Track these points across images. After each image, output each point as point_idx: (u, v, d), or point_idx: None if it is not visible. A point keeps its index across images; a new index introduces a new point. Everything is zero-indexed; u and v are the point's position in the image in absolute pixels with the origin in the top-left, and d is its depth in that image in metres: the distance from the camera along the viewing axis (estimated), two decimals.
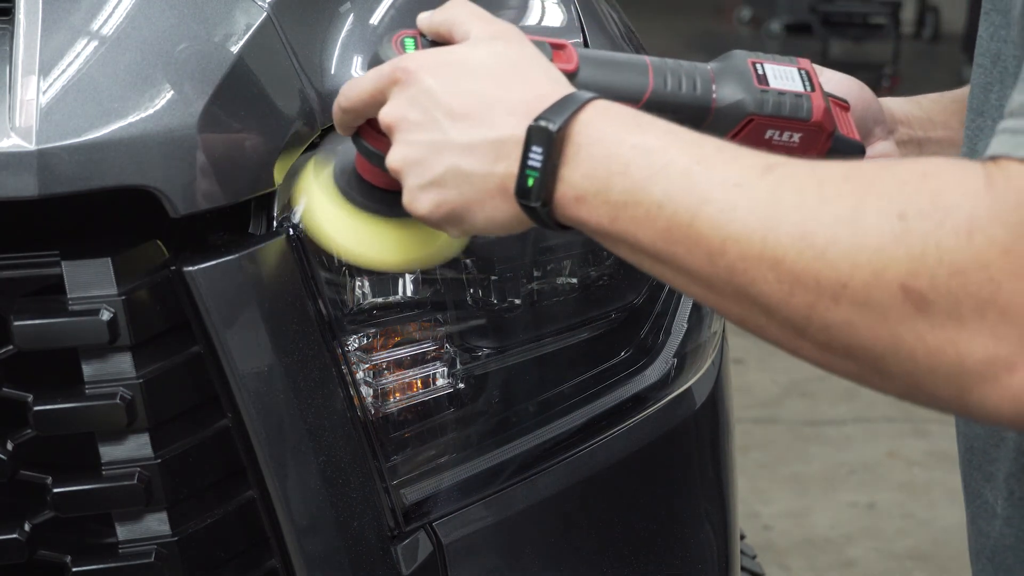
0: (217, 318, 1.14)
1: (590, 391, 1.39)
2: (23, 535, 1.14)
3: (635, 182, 0.87)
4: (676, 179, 0.86)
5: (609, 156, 0.89)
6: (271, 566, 1.23)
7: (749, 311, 0.84)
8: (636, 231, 0.88)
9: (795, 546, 3.35)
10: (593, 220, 0.90)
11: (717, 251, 0.84)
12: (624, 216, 0.88)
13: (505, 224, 0.96)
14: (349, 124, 1.05)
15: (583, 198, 0.90)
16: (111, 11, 1.17)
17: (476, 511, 1.32)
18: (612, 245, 0.91)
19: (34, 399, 1.12)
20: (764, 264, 0.82)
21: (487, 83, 0.96)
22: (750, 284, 0.83)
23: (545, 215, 0.93)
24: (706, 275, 0.85)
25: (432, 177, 0.96)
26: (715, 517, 1.50)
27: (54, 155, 1.07)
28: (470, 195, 0.96)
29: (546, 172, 0.90)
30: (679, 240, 0.85)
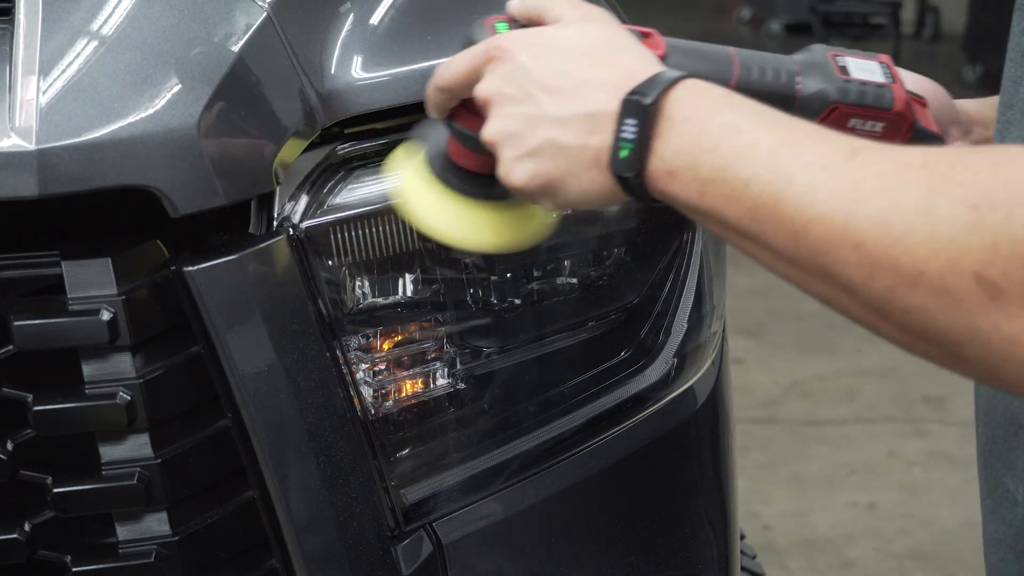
0: (217, 318, 1.14)
1: (590, 391, 1.39)
2: (23, 535, 1.14)
3: (724, 160, 0.89)
4: (763, 159, 0.88)
5: (700, 133, 0.91)
6: (271, 566, 1.23)
7: (832, 291, 0.86)
8: (723, 208, 0.90)
9: (795, 546, 3.35)
10: (683, 195, 0.92)
11: (801, 232, 0.85)
12: (712, 192, 0.90)
13: (597, 197, 0.98)
14: (443, 105, 1.06)
15: (674, 172, 0.92)
16: (111, 11, 1.17)
17: (476, 511, 1.32)
18: (701, 220, 0.93)
19: (34, 399, 1.12)
20: (846, 247, 0.84)
21: (580, 61, 0.98)
22: (832, 265, 0.85)
23: (637, 186, 0.94)
24: (790, 254, 0.87)
25: (528, 149, 0.98)
26: (715, 517, 1.50)
27: (54, 155, 1.07)
28: (565, 167, 0.97)
29: (639, 144, 0.93)
30: (764, 219, 0.87)
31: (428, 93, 1.06)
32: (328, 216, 1.23)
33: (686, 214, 0.94)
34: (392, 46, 1.29)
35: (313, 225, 1.22)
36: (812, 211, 0.85)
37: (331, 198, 1.24)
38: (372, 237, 1.26)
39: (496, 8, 1.39)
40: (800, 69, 1.12)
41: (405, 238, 1.27)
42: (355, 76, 1.25)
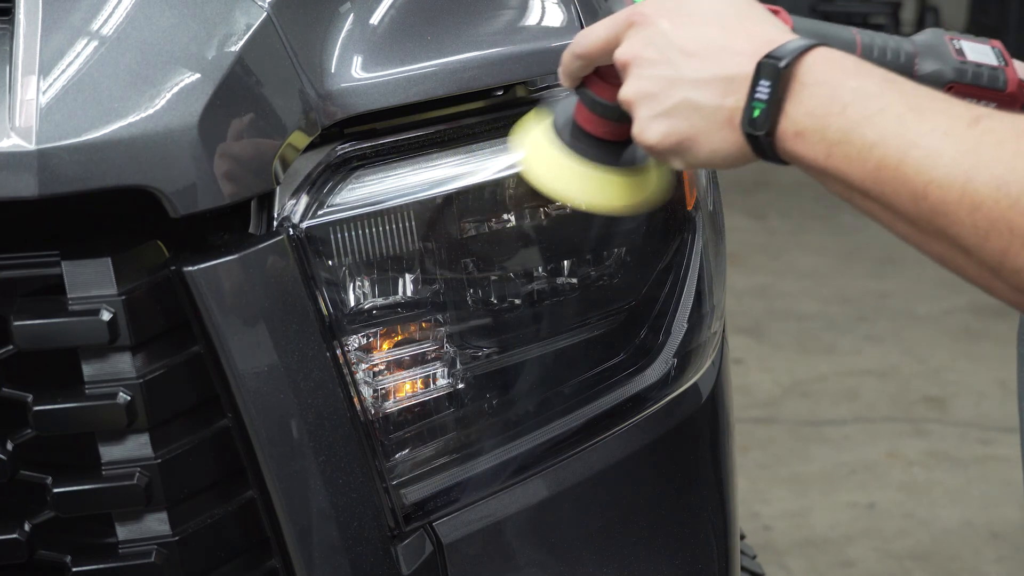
0: (217, 318, 1.14)
1: (590, 391, 1.39)
2: (23, 535, 1.14)
3: (851, 122, 0.95)
4: (889, 123, 0.93)
5: (830, 97, 0.96)
6: (271, 566, 1.23)
7: (949, 251, 0.91)
8: (848, 169, 0.95)
9: (795, 546, 3.35)
10: (809, 155, 0.97)
11: (920, 193, 0.91)
12: (838, 153, 0.95)
13: (727, 156, 1.04)
14: (578, 73, 1.12)
15: (802, 134, 0.97)
16: (111, 11, 1.17)
17: (476, 511, 1.32)
18: (825, 181, 0.98)
19: (34, 399, 1.12)
20: (963, 209, 0.89)
21: (718, 27, 1.04)
22: (949, 226, 0.90)
23: (767, 145, 1.00)
24: (911, 215, 0.92)
25: (664, 108, 1.04)
26: (715, 517, 1.50)
27: (54, 155, 1.07)
28: (699, 126, 1.03)
29: (772, 105, 0.98)
30: (887, 180, 0.93)
31: (564, 61, 1.12)
32: (328, 216, 1.23)
33: (810, 174, 0.99)
34: (392, 46, 1.29)
35: (313, 225, 1.22)
36: (933, 174, 0.90)
37: (331, 198, 1.24)
38: (372, 237, 1.26)
39: (498, 7, 1.40)
40: (918, 51, 1.18)
41: (405, 238, 1.27)
42: (355, 76, 1.25)
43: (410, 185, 1.27)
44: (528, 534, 1.36)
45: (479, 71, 1.30)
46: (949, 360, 4.32)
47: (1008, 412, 3.95)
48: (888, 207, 0.94)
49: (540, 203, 1.33)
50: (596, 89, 1.13)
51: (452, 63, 1.29)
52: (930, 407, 4.04)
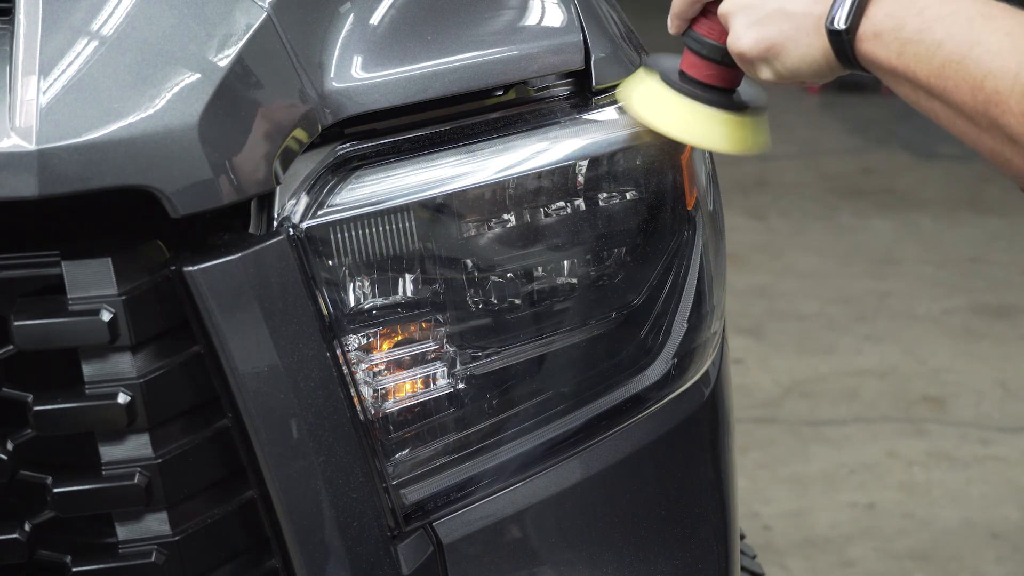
0: (217, 318, 1.14)
1: (590, 391, 1.39)
2: (23, 535, 1.14)
3: (925, 22, 1.04)
4: (959, 23, 1.02)
5: (910, 1, 1.05)
6: (271, 566, 1.23)
7: (1000, 143, 1.00)
8: (916, 67, 1.05)
9: (795, 546, 3.35)
10: (883, 56, 1.08)
11: (978, 86, 1.00)
12: (909, 52, 1.05)
13: (812, 62, 1.14)
14: (687, 13, 1.26)
15: (880, 34, 1.07)
16: (111, 11, 1.17)
17: (476, 511, 1.32)
18: (895, 82, 1.08)
19: (34, 399, 1.12)
20: (1014, 97, 0.98)
21: None
22: (1001, 115, 0.99)
23: (848, 46, 1.10)
24: (968, 108, 1.01)
25: (758, 17, 1.16)
26: (715, 517, 1.50)
27: (54, 155, 1.07)
28: (788, 32, 1.14)
29: (856, 6, 1.08)
30: (949, 76, 1.02)
31: (676, 3, 1.26)
32: (328, 216, 1.23)
33: (882, 77, 1.09)
34: (392, 46, 1.29)
35: (313, 225, 1.22)
36: (990, 66, 1.00)
37: (331, 198, 1.24)
38: (372, 237, 1.26)
39: (498, 7, 1.40)
40: None
41: (405, 238, 1.27)
42: (355, 76, 1.25)
43: (410, 185, 1.27)
44: (528, 534, 1.36)
45: (479, 71, 1.30)
46: (949, 360, 4.32)
47: (1008, 412, 3.96)
48: (949, 103, 1.03)
49: (540, 203, 1.33)
50: (701, 29, 1.27)
51: (452, 63, 1.29)
52: (930, 407, 4.04)
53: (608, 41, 1.39)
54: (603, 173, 1.35)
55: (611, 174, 1.35)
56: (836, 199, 5.81)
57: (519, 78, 1.33)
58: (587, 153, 1.34)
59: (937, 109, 1.06)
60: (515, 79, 1.33)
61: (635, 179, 1.36)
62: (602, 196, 1.35)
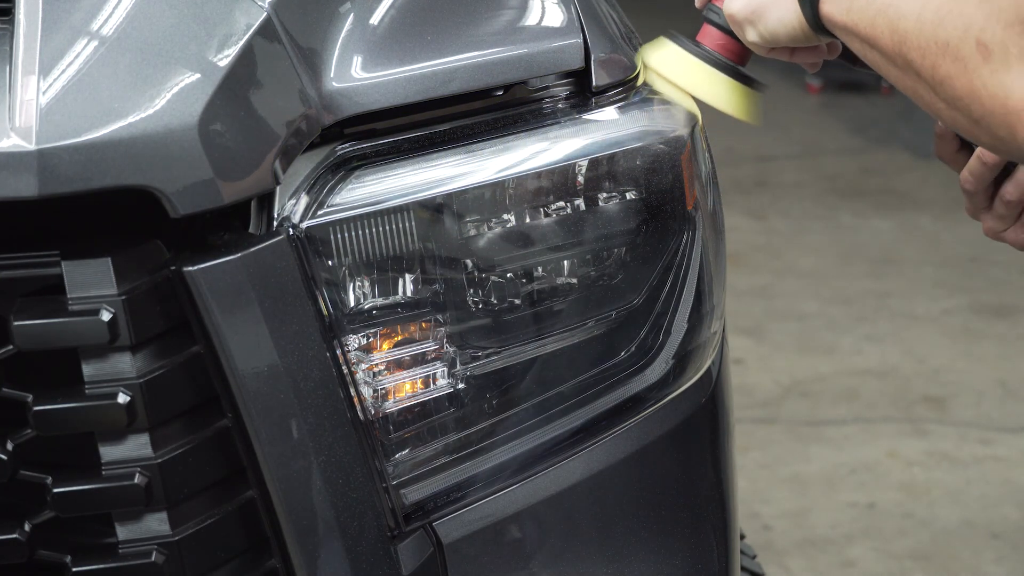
0: (217, 318, 1.14)
1: (590, 391, 1.39)
2: (23, 535, 1.14)
3: None
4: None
5: None
6: (271, 566, 1.23)
7: (914, 81, 1.09)
8: (858, 20, 1.14)
9: (795, 546, 3.35)
10: (837, 14, 1.17)
11: (894, 28, 1.09)
12: (854, 8, 1.14)
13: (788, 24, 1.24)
14: None
15: None
16: (111, 11, 1.17)
17: (476, 511, 1.32)
18: (848, 39, 1.17)
19: (34, 399, 1.12)
20: (914, 35, 1.07)
21: None
22: (908, 52, 1.07)
23: (812, 7, 1.19)
24: (891, 52, 1.10)
25: None
26: (715, 517, 1.50)
27: (54, 155, 1.07)
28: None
29: None
30: (879, 24, 1.11)
31: None
32: (328, 216, 1.23)
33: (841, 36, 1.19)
34: (392, 46, 1.29)
35: (313, 225, 1.22)
36: (901, 8, 1.08)
37: (331, 198, 1.24)
38: (372, 237, 1.26)
39: (498, 7, 1.40)
40: None
41: (405, 238, 1.27)
42: (355, 76, 1.25)
43: (410, 185, 1.27)
44: (528, 534, 1.36)
45: (479, 71, 1.30)
46: (949, 360, 4.32)
47: (1008, 412, 3.96)
48: (880, 51, 1.11)
49: (540, 203, 1.33)
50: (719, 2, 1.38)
51: (452, 63, 1.29)
52: (930, 407, 4.04)
53: (608, 41, 1.39)
54: (603, 173, 1.35)
55: (611, 174, 1.35)
56: (836, 199, 5.81)
57: (519, 78, 1.33)
58: (587, 153, 1.34)
59: (876, 59, 1.14)
60: (515, 79, 1.33)
61: (635, 179, 1.36)
62: (602, 196, 1.35)
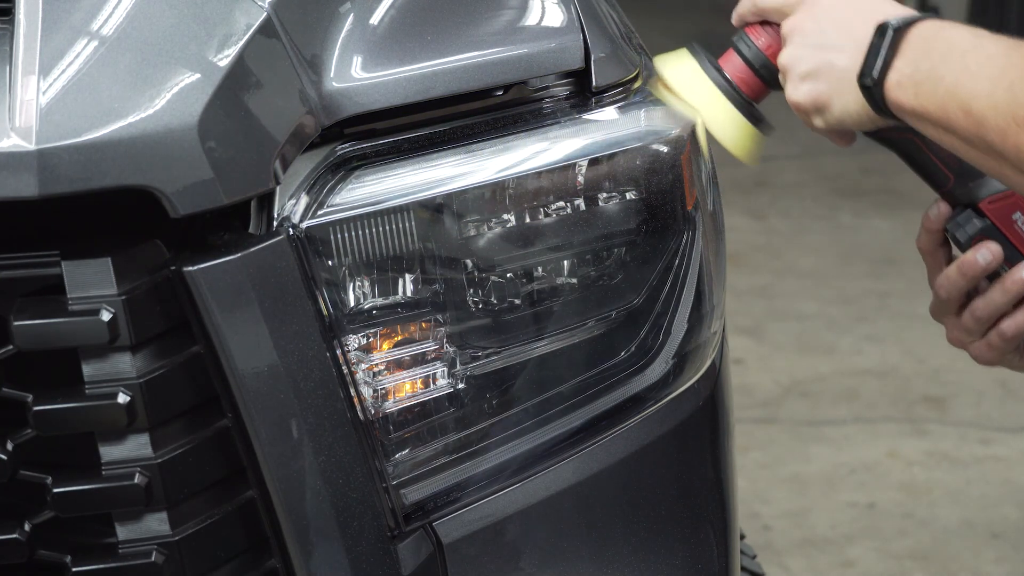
0: (217, 318, 1.14)
1: (590, 391, 1.39)
2: (23, 535, 1.14)
3: (932, 63, 1.13)
4: (955, 56, 1.12)
5: (926, 48, 1.14)
6: (271, 566, 1.23)
7: (998, 163, 1.08)
8: (928, 103, 1.13)
9: (795, 546, 3.35)
10: (904, 100, 1.16)
11: (967, 109, 1.12)
12: (922, 92, 1.14)
13: (854, 113, 1.23)
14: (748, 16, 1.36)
15: (901, 82, 1.16)
16: (111, 11, 1.17)
17: (476, 511, 1.32)
18: (920, 124, 1.16)
19: (34, 399, 1.12)
20: (991, 114, 1.07)
21: (869, 4, 1.24)
22: (987, 134, 1.07)
23: (878, 97, 1.18)
24: (969, 134, 1.10)
25: (810, 69, 1.26)
26: (715, 517, 1.50)
27: (54, 155, 1.07)
28: (835, 86, 1.24)
29: (885, 61, 1.17)
30: (950, 107, 1.10)
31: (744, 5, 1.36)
32: (328, 216, 1.23)
33: (911, 122, 1.18)
34: (392, 46, 1.29)
35: (313, 225, 1.22)
36: (973, 88, 1.08)
37: (331, 198, 1.24)
38: (372, 237, 1.26)
39: (498, 7, 1.40)
40: None
41: (405, 238, 1.27)
42: (355, 76, 1.25)
43: (410, 185, 1.27)
44: (528, 534, 1.36)
45: (479, 71, 1.30)
46: (949, 360, 4.31)
47: (1008, 412, 3.96)
48: (956, 133, 1.11)
49: (540, 203, 1.33)
50: (753, 33, 1.37)
51: (452, 63, 1.29)
52: (930, 407, 4.03)
53: (608, 41, 1.39)
54: (603, 173, 1.35)
55: (611, 174, 1.35)
56: (836, 199, 5.81)
57: (519, 78, 1.33)
58: (587, 153, 1.34)
59: (953, 142, 1.13)
60: (515, 79, 1.33)
61: (635, 179, 1.36)
62: (602, 196, 1.35)
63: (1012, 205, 1.38)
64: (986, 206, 1.39)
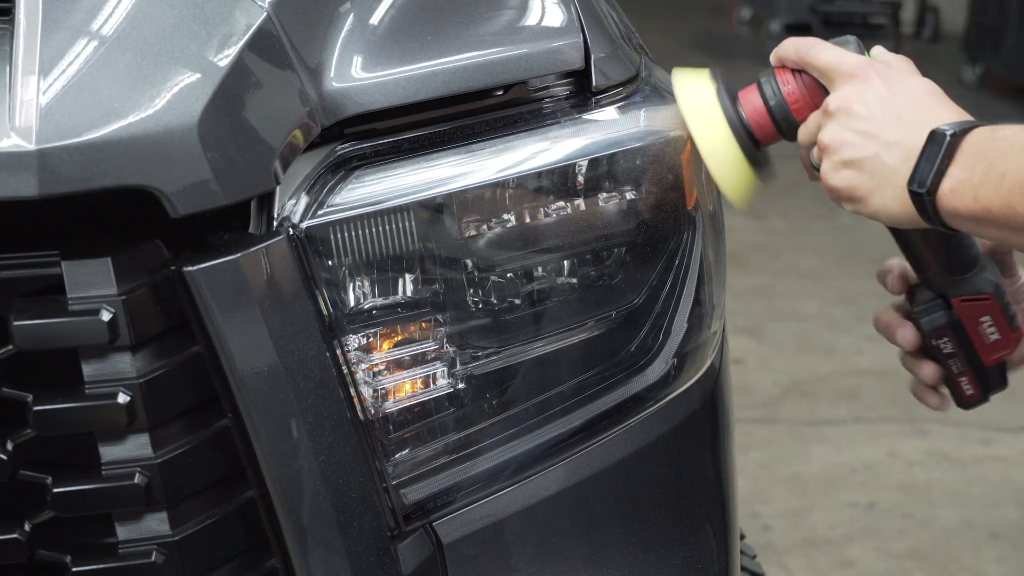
0: (217, 318, 1.14)
1: (590, 391, 1.39)
2: (23, 535, 1.14)
3: (990, 163, 1.09)
4: (1015, 154, 1.07)
5: (982, 152, 1.10)
6: (271, 566, 1.23)
7: None
8: (989, 203, 1.08)
9: (795, 546, 3.35)
10: (961, 205, 1.11)
11: None
12: (981, 195, 1.09)
13: (893, 213, 1.19)
14: (788, 63, 1.30)
15: (956, 188, 1.11)
16: (111, 11, 1.17)
17: (476, 511, 1.32)
18: (980, 228, 1.12)
19: (34, 399, 1.12)
20: None
21: (922, 101, 1.18)
22: None
23: (929, 204, 1.13)
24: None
25: (854, 157, 1.20)
26: (715, 517, 1.50)
27: (54, 155, 1.07)
28: (878, 182, 1.19)
29: (938, 167, 1.12)
30: (1016, 200, 1.06)
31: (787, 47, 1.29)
32: (328, 216, 1.23)
33: (966, 227, 1.14)
34: (392, 46, 1.29)
35: (313, 225, 1.22)
36: None
37: (331, 198, 1.24)
38: (372, 237, 1.26)
39: (498, 7, 1.40)
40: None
41: (405, 238, 1.27)
42: (355, 76, 1.25)
43: (410, 185, 1.27)
44: (528, 534, 1.36)
45: (479, 71, 1.30)
46: None
47: (1008, 412, 3.96)
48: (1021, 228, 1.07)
49: (540, 203, 1.33)
50: (782, 77, 1.30)
51: (452, 63, 1.29)
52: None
53: (608, 41, 1.39)
54: (603, 173, 1.35)
55: (611, 174, 1.35)
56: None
57: (519, 78, 1.33)
58: (587, 153, 1.34)
59: (1013, 239, 1.10)
60: (515, 79, 1.33)
61: (635, 179, 1.36)
62: (602, 196, 1.35)
63: (984, 308, 1.39)
64: (959, 303, 1.40)
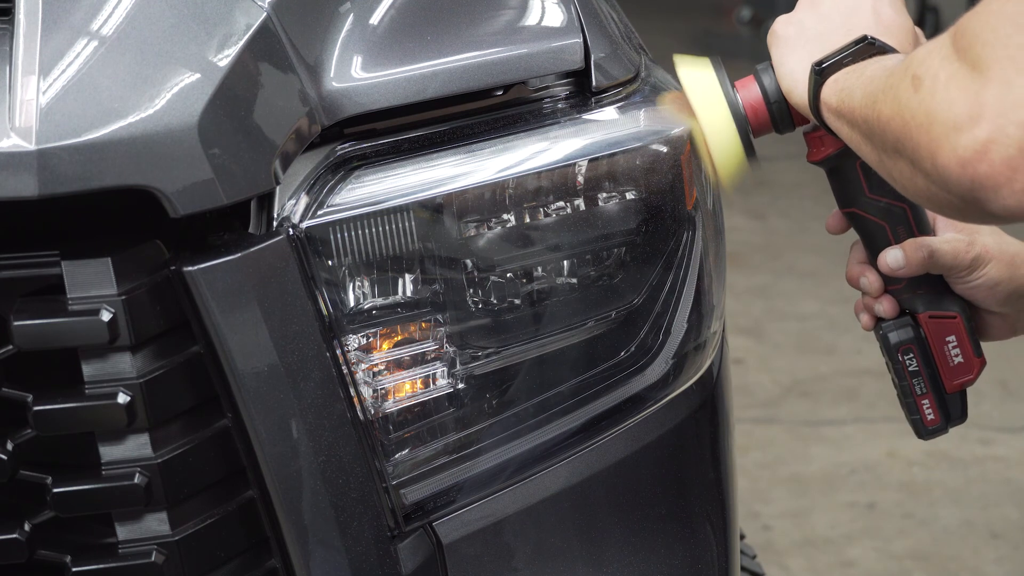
0: (217, 318, 1.14)
1: (590, 391, 1.39)
2: (23, 535, 1.14)
3: (848, 85, 1.20)
4: (871, 72, 1.18)
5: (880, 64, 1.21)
6: (271, 566, 1.23)
7: (898, 162, 1.09)
8: (852, 104, 1.17)
9: (795, 546, 3.35)
10: (832, 100, 1.21)
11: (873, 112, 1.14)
12: (843, 98, 1.19)
13: (788, 71, 1.29)
14: None
15: (838, 80, 1.22)
16: (111, 11, 1.17)
17: (476, 511, 1.32)
18: (835, 123, 1.21)
19: (34, 399, 1.12)
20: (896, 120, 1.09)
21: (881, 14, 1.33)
22: (883, 133, 1.10)
23: (815, 84, 1.23)
24: (871, 132, 1.13)
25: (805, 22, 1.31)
26: (715, 517, 1.50)
27: (54, 155, 1.07)
28: (803, 44, 1.30)
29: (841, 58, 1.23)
30: (856, 109, 1.15)
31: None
32: (328, 216, 1.23)
33: (830, 122, 1.22)
34: (392, 46, 1.29)
35: (313, 225, 1.22)
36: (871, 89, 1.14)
37: (331, 198, 1.24)
38: (372, 237, 1.26)
39: (498, 7, 1.40)
40: None
41: (405, 238, 1.27)
42: (355, 76, 1.25)
43: (410, 185, 1.27)
44: (528, 534, 1.36)
45: (479, 71, 1.30)
46: None
47: (1008, 412, 3.96)
48: (862, 131, 1.14)
49: (540, 203, 1.33)
50: None
51: (452, 63, 1.29)
52: None
53: (608, 41, 1.39)
54: (603, 173, 1.35)
55: (611, 174, 1.35)
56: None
57: (519, 78, 1.33)
58: (587, 153, 1.34)
59: (859, 142, 1.16)
60: (515, 79, 1.33)
61: (635, 179, 1.36)
62: (602, 196, 1.35)
63: (950, 327, 1.40)
64: (925, 320, 1.42)
